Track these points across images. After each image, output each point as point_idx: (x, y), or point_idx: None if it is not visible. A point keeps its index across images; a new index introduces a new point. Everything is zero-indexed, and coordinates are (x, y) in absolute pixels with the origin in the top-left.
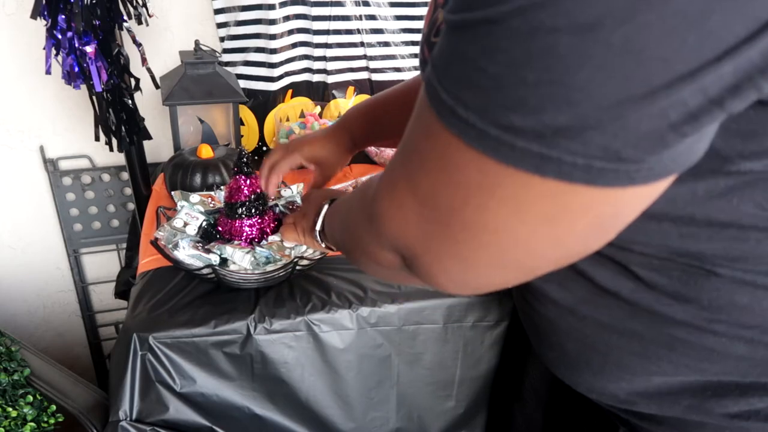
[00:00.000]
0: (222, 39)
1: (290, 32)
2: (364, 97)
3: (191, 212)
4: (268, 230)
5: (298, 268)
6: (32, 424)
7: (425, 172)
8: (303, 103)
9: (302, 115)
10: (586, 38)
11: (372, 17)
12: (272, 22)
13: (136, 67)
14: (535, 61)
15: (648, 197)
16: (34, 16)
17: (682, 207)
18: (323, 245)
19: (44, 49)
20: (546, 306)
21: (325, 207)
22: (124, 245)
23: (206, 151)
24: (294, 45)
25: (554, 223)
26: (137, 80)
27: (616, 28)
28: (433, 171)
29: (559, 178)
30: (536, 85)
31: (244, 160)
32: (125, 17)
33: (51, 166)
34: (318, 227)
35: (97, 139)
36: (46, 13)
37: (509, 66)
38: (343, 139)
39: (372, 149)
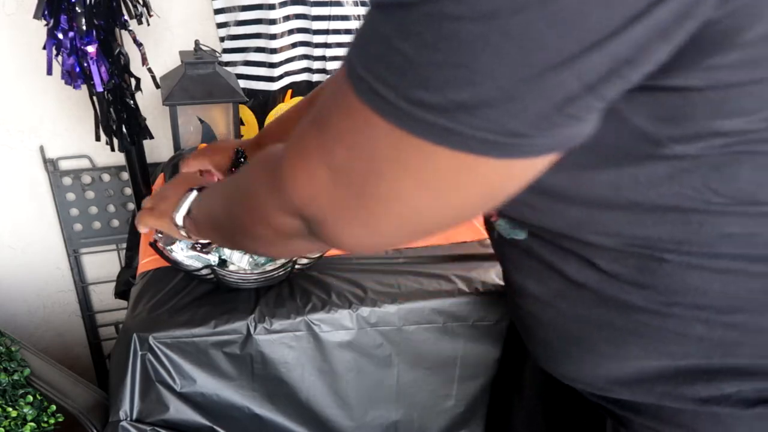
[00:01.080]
0: (222, 39)
1: (290, 32)
2: None
3: None
4: None
5: (297, 267)
6: (32, 424)
7: (341, 143)
8: None
9: None
10: (484, 26)
11: None
12: (272, 22)
13: (136, 67)
14: (441, 44)
15: (533, 170)
16: (37, 16)
17: (627, 194)
18: (182, 232)
19: (43, 49)
20: (528, 301)
21: (193, 193)
22: (124, 245)
23: None
24: (294, 45)
25: (454, 191)
26: (138, 80)
27: (509, 17)
28: (348, 143)
29: (459, 149)
30: (442, 66)
31: (242, 160)
32: (126, 17)
33: (51, 166)
34: (182, 213)
35: (97, 139)
36: (47, 13)
37: (419, 47)
38: (255, 153)
39: None
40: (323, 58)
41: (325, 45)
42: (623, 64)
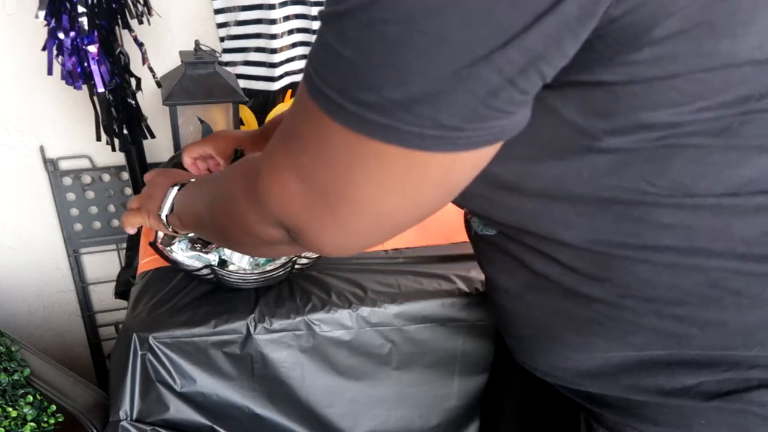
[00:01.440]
0: (222, 39)
1: (290, 32)
2: None
3: None
4: None
5: (297, 267)
6: (32, 424)
7: (304, 150)
8: None
9: None
10: (406, 28)
11: None
12: (272, 22)
13: (136, 67)
14: (373, 47)
15: (477, 162)
16: (38, 16)
17: (573, 187)
18: (170, 229)
19: (43, 50)
20: (501, 296)
21: (174, 189)
22: (124, 245)
23: None
24: (294, 45)
25: (410, 187)
26: (138, 80)
27: (426, 20)
28: (310, 149)
29: (404, 145)
30: (377, 67)
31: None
32: (127, 17)
33: (51, 166)
34: (165, 211)
35: (98, 139)
36: (48, 13)
37: (356, 51)
38: (258, 145)
39: None
40: None
41: None
42: (538, 58)
